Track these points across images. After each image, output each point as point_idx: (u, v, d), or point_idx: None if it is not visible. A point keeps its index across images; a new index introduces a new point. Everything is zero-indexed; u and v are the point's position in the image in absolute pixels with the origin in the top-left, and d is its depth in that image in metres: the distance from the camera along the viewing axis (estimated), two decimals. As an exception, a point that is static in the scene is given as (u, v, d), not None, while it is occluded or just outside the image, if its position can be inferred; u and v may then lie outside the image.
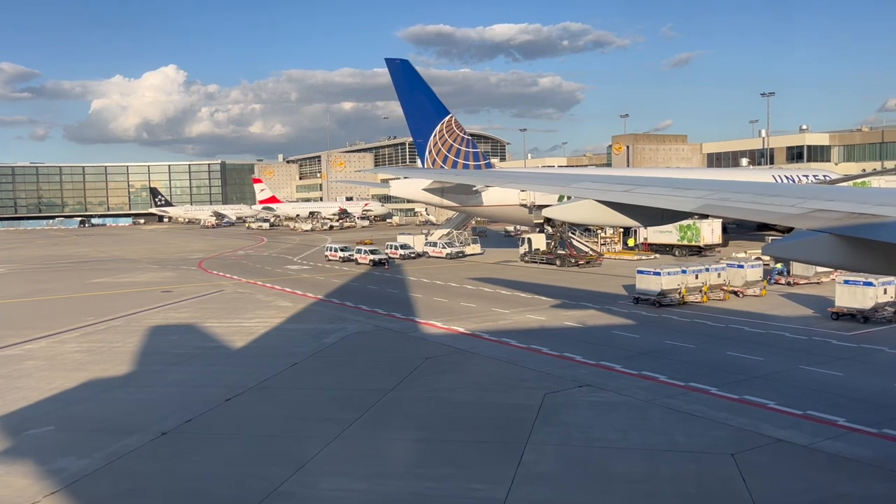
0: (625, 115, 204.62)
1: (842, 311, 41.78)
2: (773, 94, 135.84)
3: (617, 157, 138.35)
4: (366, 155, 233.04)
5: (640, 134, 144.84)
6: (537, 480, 19.90)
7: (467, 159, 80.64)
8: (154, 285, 67.72)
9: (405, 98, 78.64)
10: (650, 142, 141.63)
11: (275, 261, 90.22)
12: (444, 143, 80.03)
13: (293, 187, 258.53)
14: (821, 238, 14.80)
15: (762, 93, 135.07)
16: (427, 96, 79.26)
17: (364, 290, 60.38)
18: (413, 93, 78.57)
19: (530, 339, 38.32)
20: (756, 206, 17.49)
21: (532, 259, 77.55)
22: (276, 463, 21.81)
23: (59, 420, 26.89)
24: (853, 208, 14.73)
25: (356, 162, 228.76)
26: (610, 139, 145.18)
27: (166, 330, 44.73)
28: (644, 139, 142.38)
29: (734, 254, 69.68)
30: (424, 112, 78.95)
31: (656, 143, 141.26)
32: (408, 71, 78.18)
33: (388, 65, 77.24)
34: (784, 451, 21.64)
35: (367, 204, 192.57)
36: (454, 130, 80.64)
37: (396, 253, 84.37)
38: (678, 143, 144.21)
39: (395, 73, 77.39)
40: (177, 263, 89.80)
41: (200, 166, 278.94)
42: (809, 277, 55.68)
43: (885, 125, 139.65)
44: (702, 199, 19.09)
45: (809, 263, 35.32)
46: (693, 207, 18.72)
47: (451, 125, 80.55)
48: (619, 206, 19.98)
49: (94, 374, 34.13)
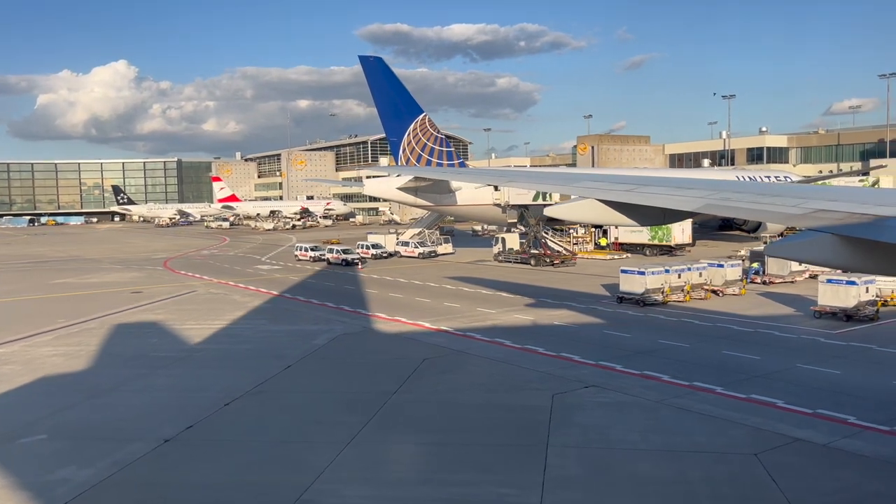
0: (588, 116, 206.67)
1: (824, 309, 42.43)
2: (734, 97, 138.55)
3: (582, 157, 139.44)
4: (327, 154, 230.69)
5: (605, 135, 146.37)
6: (568, 485, 19.56)
7: (441, 158, 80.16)
8: (122, 286, 65.74)
9: (379, 96, 77.76)
10: (614, 142, 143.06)
11: (242, 261, 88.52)
12: (418, 142, 79.40)
13: (251, 186, 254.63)
14: (822, 238, 14.77)
15: (723, 95, 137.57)
16: (401, 94, 78.55)
17: (342, 290, 59.46)
18: (387, 91, 77.77)
19: (523, 339, 38.04)
20: (758, 206, 17.45)
21: (506, 259, 77.45)
22: (292, 470, 21.07)
23: (50, 427, 25.64)
24: (855, 209, 14.74)
25: (317, 160, 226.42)
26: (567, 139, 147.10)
27: (144, 332, 43.33)
28: (608, 140, 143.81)
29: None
30: (398, 110, 78.22)
31: (620, 144, 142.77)
32: (382, 68, 77.35)
33: (361, 62, 76.31)
34: (805, 450, 21.68)
35: (330, 203, 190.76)
36: (428, 129, 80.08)
37: (368, 252, 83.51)
38: (641, 144, 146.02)
39: (370, 70, 76.50)
40: (141, 263, 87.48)
41: (156, 164, 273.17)
42: (784, 276, 56.60)
43: (839, 128, 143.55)
44: (704, 198, 19.01)
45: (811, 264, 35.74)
46: (696, 207, 18.59)
47: (424, 124, 79.99)
48: (622, 205, 19.80)
49: (78, 378, 32.85)
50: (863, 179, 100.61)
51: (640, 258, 76.87)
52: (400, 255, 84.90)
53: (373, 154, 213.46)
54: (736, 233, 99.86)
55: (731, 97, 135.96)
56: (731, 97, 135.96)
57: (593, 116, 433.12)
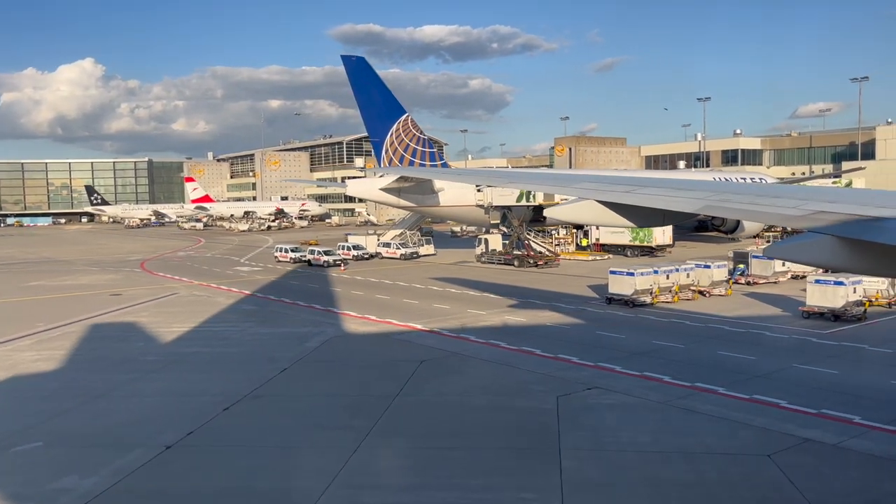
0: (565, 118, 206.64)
1: (812, 309, 42.85)
2: (709, 100, 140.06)
3: (559, 158, 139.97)
4: (301, 154, 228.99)
5: (582, 136, 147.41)
6: (587, 488, 19.38)
7: (423, 159, 79.82)
8: (99, 288, 64.41)
9: (361, 96, 77.21)
10: (591, 144, 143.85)
11: (221, 262, 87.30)
12: (401, 143, 78.98)
13: (224, 186, 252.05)
14: (822, 240, 14.77)
15: (698, 98, 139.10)
16: (383, 94, 78.07)
17: (327, 292, 58.84)
18: (369, 91, 77.24)
19: (518, 340, 37.85)
20: (757, 208, 17.45)
21: (489, 260, 77.31)
22: (303, 476, 20.66)
23: (45, 435, 24.86)
24: (854, 210, 14.78)
25: (291, 161, 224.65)
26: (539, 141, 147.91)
27: (129, 335, 42.43)
28: (585, 141, 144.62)
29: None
30: (381, 110, 77.72)
31: (597, 146, 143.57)
32: (364, 68, 76.79)
33: (344, 62, 75.67)
34: (817, 450, 21.75)
35: (305, 204, 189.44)
36: (410, 130, 79.69)
37: (349, 254, 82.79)
38: (618, 146, 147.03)
39: (352, 70, 75.89)
40: (116, 265, 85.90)
41: (126, 164, 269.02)
42: (768, 277, 57.18)
43: (810, 130, 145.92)
44: (703, 200, 19.01)
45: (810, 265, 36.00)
46: (695, 208, 18.60)
47: (407, 125, 79.59)
48: (620, 206, 19.72)
49: (66, 383, 32.00)
50: (835, 181, 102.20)
51: (621, 259, 77.25)
52: (381, 257, 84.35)
53: (348, 155, 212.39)
54: (713, 234, 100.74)
55: (707, 100, 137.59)
56: (707, 100, 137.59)
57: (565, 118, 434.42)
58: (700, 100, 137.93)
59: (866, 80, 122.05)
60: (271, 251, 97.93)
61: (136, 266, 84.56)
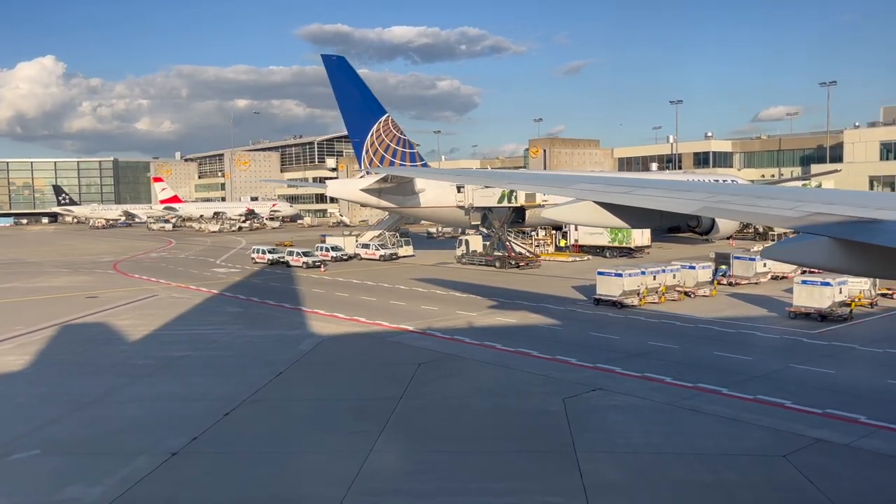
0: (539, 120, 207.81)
1: (799, 310, 43.36)
2: (681, 102, 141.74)
3: (534, 160, 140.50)
4: (271, 154, 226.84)
5: (557, 138, 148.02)
6: (610, 490, 19.25)
7: (404, 160, 79.39)
8: (74, 290, 62.89)
9: (342, 96, 76.51)
10: (565, 146, 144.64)
11: (196, 263, 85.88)
12: (381, 143, 78.46)
13: (192, 186, 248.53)
14: (819, 241, 14.86)
15: (670, 101, 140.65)
16: (364, 94, 77.49)
17: (311, 293, 58.14)
18: (350, 90, 76.60)
19: (512, 341, 37.67)
20: (754, 209, 17.52)
21: (470, 261, 77.13)
22: (320, 482, 20.23)
23: (41, 442, 24.03)
24: (851, 212, 14.90)
25: (261, 161, 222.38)
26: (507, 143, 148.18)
27: (112, 338, 41.44)
28: (560, 143, 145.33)
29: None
30: (361, 110, 77.13)
31: (571, 148, 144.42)
32: (344, 68, 76.13)
33: (324, 61, 74.94)
34: (830, 451, 21.88)
35: (275, 204, 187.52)
36: (391, 130, 79.22)
37: (328, 255, 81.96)
38: (591, 148, 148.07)
39: (332, 70, 75.18)
40: (88, 266, 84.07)
41: (90, 164, 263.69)
42: (749, 278, 57.83)
43: (779, 133, 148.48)
44: (701, 201, 19.06)
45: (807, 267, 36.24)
46: (694, 209, 18.61)
47: (388, 125, 79.10)
48: (619, 207, 19.70)
49: (55, 388, 31.07)
50: (805, 183, 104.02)
51: (600, 260, 77.59)
52: (360, 258, 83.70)
53: (319, 155, 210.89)
54: (688, 235, 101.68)
55: (679, 103, 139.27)
56: (679, 103, 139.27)
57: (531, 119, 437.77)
58: (672, 102, 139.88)
59: (834, 84, 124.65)
60: (246, 252, 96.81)
61: (108, 267, 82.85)
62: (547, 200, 79.37)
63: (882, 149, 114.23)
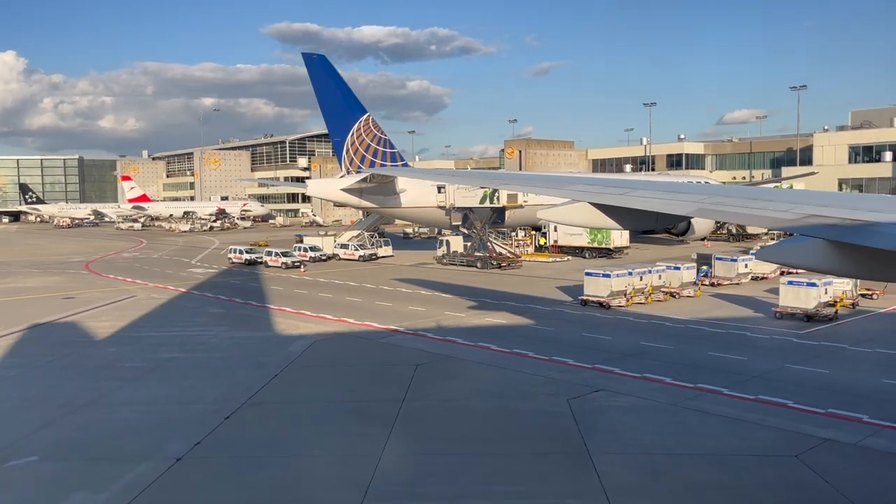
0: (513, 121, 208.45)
1: (785, 310, 43.87)
2: (654, 105, 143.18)
3: (510, 160, 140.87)
4: (242, 153, 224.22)
5: (532, 139, 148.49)
6: (630, 493, 19.16)
7: (384, 159, 78.90)
8: (48, 291, 61.38)
9: (322, 94, 75.77)
10: (541, 147, 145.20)
11: (171, 264, 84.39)
12: (362, 143, 77.87)
13: (160, 185, 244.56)
14: (813, 243, 14.99)
15: (644, 103, 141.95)
16: (345, 93, 76.85)
17: (294, 294, 57.41)
18: (331, 89, 75.90)
19: (506, 342, 37.53)
20: (749, 211, 17.65)
21: (451, 261, 76.87)
22: (335, 487, 19.83)
23: (38, 448, 23.27)
24: (846, 214, 15.05)
25: (232, 160, 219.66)
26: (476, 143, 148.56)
27: (97, 340, 40.43)
28: (535, 144, 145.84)
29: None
30: (342, 109, 76.47)
31: (546, 149, 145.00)
32: (325, 67, 75.41)
33: (305, 59, 74.19)
34: (840, 450, 22.04)
35: (246, 204, 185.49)
36: (371, 129, 78.68)
37: (306, 255, 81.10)
38: (566, 149, 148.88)
39: (313, 68, 74.44)
40: (59, 267, 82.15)
41: (55, 161, 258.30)
42: (731, 278, 58.45)
43: (749, 136, 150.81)
44: (697, 203, 19.20)
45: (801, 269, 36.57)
46: (689, 211, 18.73)
47: (368, 124, 78.54)
48: (614, 209, 19.73)
49: (44, 392, 30.21)
50: (777, 185, 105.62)
51: (580, 261, 77.95)
52: (339, 258, 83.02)
53: (290, 154, 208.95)
54: (663, 236, 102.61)
55: (653, 105, 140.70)
56: (653, 105, 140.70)
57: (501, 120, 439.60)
58: (646, 105, 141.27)
59: (804, 88, 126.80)
60: (220, 252, 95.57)
61: (80, 268, 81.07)
62: (528, 201, 79.61)
63: (851, 152, 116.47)
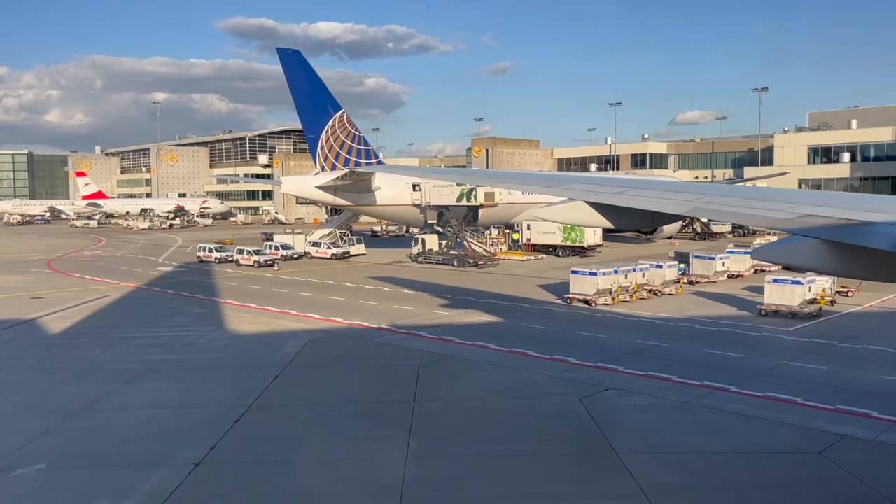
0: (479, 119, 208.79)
1: (770, 308, 44.59)
2: (620, 104, 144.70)
3: (476, 158, 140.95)
4: (200, 149, 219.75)
5: (499, 138, 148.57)
6: (669, 493, 19.05)
7: (359, 157, 78.03)
8: (14, 291, 59.15)
9: (297, 91, 74.57)
10: (507, 146, 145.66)
11: (137, 262, 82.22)
12: (337, 140, 76.89)
13: (114, 182, 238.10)
14: (810, 243, 15.16)
15: (609, 103, 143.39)
16: (319, 90, 75.74)
17: (272, 293, 56.36)
18: (304, 86, 74.73)
19: (504, 341, 37.32)
20: (745, 210, 17.74)
21: (426, 260, 76.47)
22: (368, 492, 19.33)
23: (43, 456, 22.22)
24: (842, 214, 15.27)
25: (190, 156, 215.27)
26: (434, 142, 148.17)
27: (79, 342, 38.94)
28: (501, 143, 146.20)
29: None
30: (316, 106, 75.37)
31: (513, 147, 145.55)
32: (300, 62, 74.23)
33: (279, 54, 72.91)
34: (860, 446, 22.30)
35: (206, 201, 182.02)
36: (346, 127, 77.72)
37: (277, 253, 79.78)
38: (532, 148, 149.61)
39: (288, 64, 73.19)
40: (19, 266, 79.38)
41: (2, 157, 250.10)
42: (709, 277, 59.28)
43: (710, 137, 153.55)
44: (693, 202, 19.25)
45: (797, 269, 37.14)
46: (685, 210, 18.78)
47: (343, 121, 77.56)
48: (610, 208, 19.73)
49: (33, 396, 28.98)
50: (742, 184, 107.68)
51: (554, 259, 78.38)
52: (311, 256, 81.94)
53: (251, 151, 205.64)
54: (632, 235, 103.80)
55: (618, 105, 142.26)
56: (618, 105, 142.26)
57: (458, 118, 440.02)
58: (611, 105, 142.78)
59: (766, 90, 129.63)
60: (185, 250, 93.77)
61: (42, 266, 78.44)
62: (502, 199, 79.64)
63: (810, 152, 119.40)
